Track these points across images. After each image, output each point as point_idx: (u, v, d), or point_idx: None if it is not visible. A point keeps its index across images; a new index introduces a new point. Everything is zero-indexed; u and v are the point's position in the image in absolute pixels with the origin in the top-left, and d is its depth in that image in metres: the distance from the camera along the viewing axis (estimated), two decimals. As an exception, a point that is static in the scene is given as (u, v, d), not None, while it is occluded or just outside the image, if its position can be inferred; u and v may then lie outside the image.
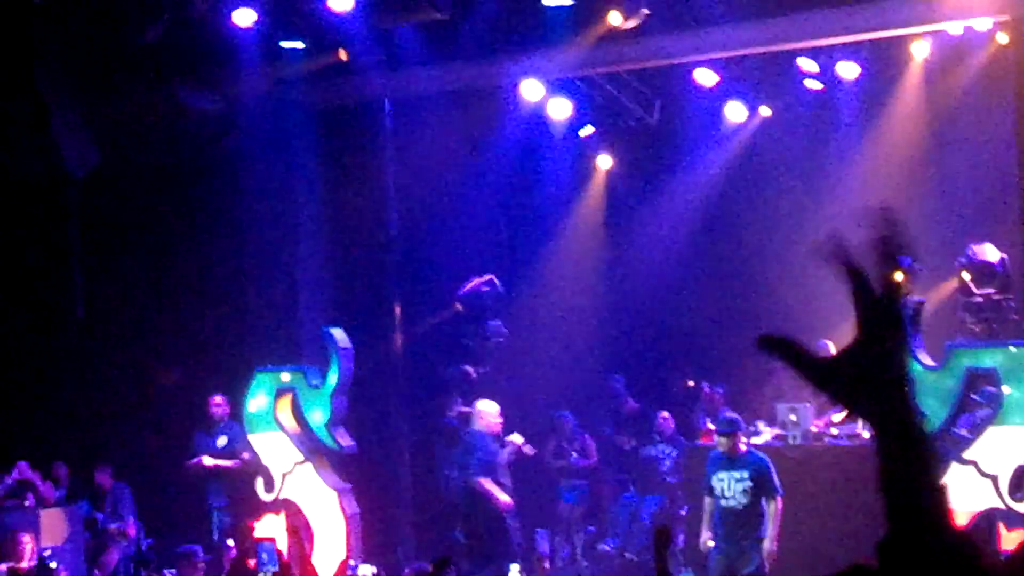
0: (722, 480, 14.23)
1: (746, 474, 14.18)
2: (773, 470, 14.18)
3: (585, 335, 20.78)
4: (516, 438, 16.02)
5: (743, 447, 14.41)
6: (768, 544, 14.03)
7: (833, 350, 2.58)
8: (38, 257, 18.99)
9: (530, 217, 20.76)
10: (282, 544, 13.50)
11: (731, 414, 15.15)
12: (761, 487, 14.11)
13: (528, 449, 16.37)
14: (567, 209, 21.29)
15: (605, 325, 20.95)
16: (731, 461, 14.27)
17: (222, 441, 17.26)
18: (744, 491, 14.16)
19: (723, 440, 14.37)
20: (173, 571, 15.12)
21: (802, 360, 2.56)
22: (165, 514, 17.49)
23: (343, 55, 17.48)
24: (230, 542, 16.18)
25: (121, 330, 18.83)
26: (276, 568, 12.02)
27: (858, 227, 2.52)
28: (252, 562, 13.30)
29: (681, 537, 16.54)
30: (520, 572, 13.88)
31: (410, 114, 18.62)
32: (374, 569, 15.08)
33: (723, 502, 14.24)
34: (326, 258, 18.60)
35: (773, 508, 14.08)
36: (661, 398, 19.94)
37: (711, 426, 17.08)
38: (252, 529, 16.11)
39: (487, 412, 16.03)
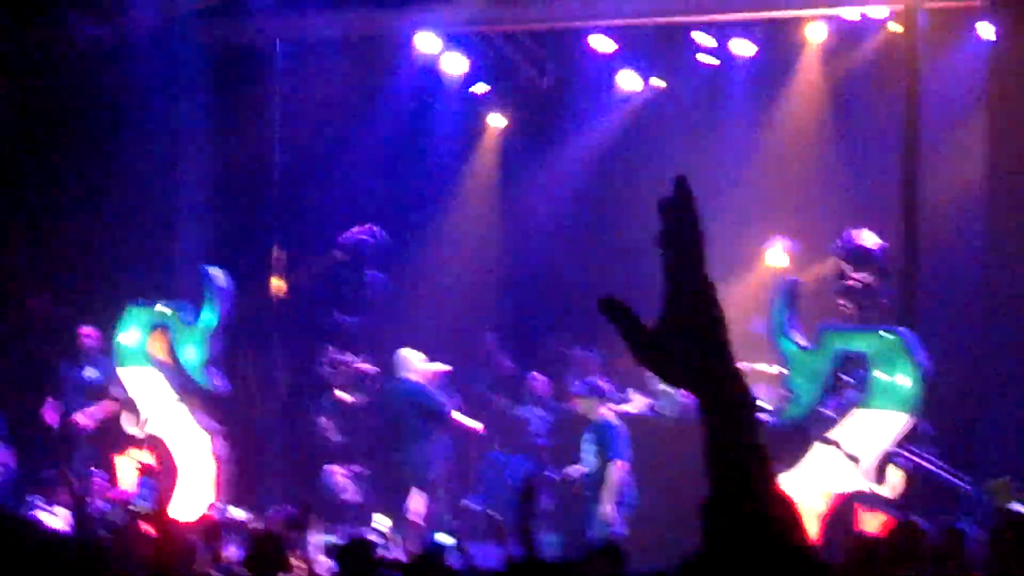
0: (583, 443, 14.63)
1: (595, 437, 14.68)
2: (617, 435, 14.52)
3: (467, 292, 20.76)
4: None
5: (603, 413, 14.70)
6: (603, 507, 14.27)
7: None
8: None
9: (419, 170, 20.68)
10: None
11: (593, 380, 15.42)
12: (603, 451, 14.62)
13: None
14: (457, 164, 21.24)
15: (488, 284, 20.98)
16: (590, 426, 14.82)
17: (90, 372, 17.05)
18: (594, 454, 14.64)
19: (581, 402, 14.80)
20: (39, 496, 14.93)
21: (631, 330, 2.61)
22: (32, 443, 17.29)
23: (237, -8, 17.33)
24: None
25: (-7, 256, 18.54)
26: (151, 503, 11.88)
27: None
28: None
29: (548, 500, 16.62)
30: (389, 527, 13.86)
31: (302, 58, 18.45)
32: (246, 514, 14.99)
33: (581, 464, 14.73)
34: (208, 197, 18.40)
35: (609, 471, 14.53)
36: (537, 360, 20.00)
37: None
38: (114, 463, 15.98)
39: (411, 361, 15.99)
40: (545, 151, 21.03)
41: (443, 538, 11.35)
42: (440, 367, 16.55)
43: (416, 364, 16.13)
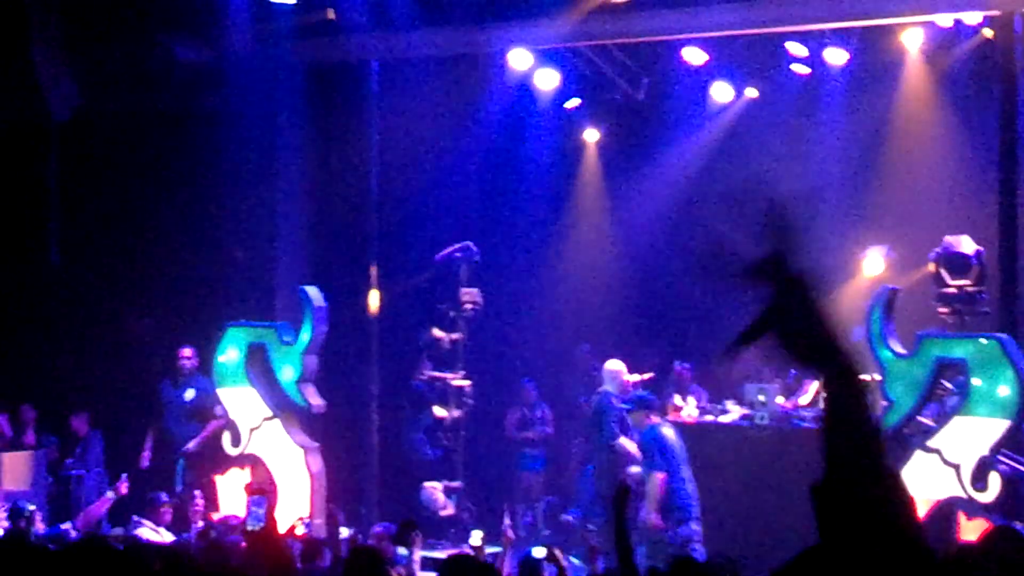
0: None
1: (641, 447, 15.19)
2: (656, 447, 14.77)
3: (568, 307, 20.77)
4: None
5: (652, 421, 15.02)
6: (643, 514, 14.70)
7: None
8: (14, 200, 18.96)
9: (514, 186, 20.73)
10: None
11: (644, 392, 15.90)
12: (646, 462, 14.95)
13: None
14: (550, 179, 21.24)
15: (584, 298, 20.95)
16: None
17: (189, 394, 17.26)
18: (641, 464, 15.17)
19: (631, 415, 14.78)
20: (139, 517, 15.12)
21: (754, 332, 2.66)
22: (132, 464, 17.52)
23: (331, 14, 17.47)
24: (196, 493, 16.20)
25: (95, 278, 18.82)
26: (263, 523, 12.02)
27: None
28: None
29: (641, 512, 16.61)
30: (482, 539, 13.88)
31: (397, 77, 18.56)
32: (348, 530, 15.09)
33: None
34: (305, 216, 18.57)
35: (650, 481, 14.76)
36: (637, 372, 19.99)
37: (679, 403, 17.17)
38: (215, 483, 16.16)
39: (618, 371, 16.13)
40: (639, 165, 21.00)
41: (538, 552, 11.34)
42: (639, 376, 16.71)
43: (619, 376, 16.15)
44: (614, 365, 16.34)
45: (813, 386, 16.38)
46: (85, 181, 18.84)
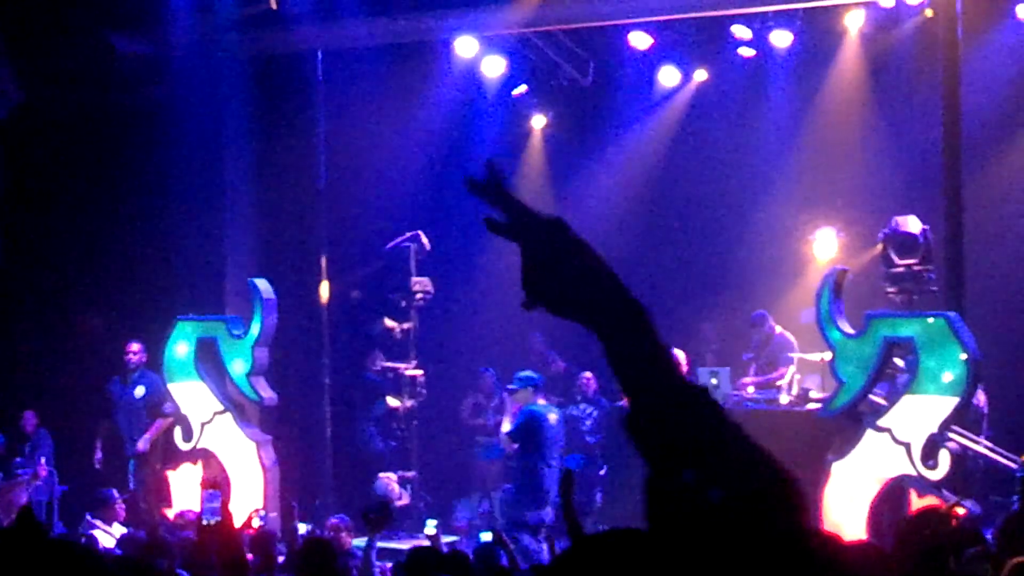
0: None
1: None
2: (529, 427, 14.91)
3: (515, 296, 20.73)
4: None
5: (537, 402, 15.24)
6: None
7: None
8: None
9: (461, 174, 20.52)
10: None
11: (531, 372, 15.95)
12: (515, 438, 15.17)
13: None
14: (500, 166, 21.22)
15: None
16: None
17: (139, 391, 17.16)
18: None
19: (516, 394, 15.36)
20: (92, 516, 15.04)
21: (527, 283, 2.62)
22: (83, 461, 17.43)
23: (274, 4, 17.39)
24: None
25: (42, 275, 18.69)
26: (218, 517, 11.95)
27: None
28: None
29: (599, 495, 16.66)
30: (436, 527, 13.86)
31: (342, 66, 18.49)
32: (304, 525, 15.03)
33: None
34: (253, 209, 18.49)
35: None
36: (588, 358, 20.02)
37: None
38: (167, 478, 16.09)
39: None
40: (588, 149, 21.02)
41: (486, 536, 11.35)
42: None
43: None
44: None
45: (791, 369, 16.39)
46: (29, 179, 18.70)
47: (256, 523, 13.28)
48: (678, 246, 20.57)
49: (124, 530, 14.58)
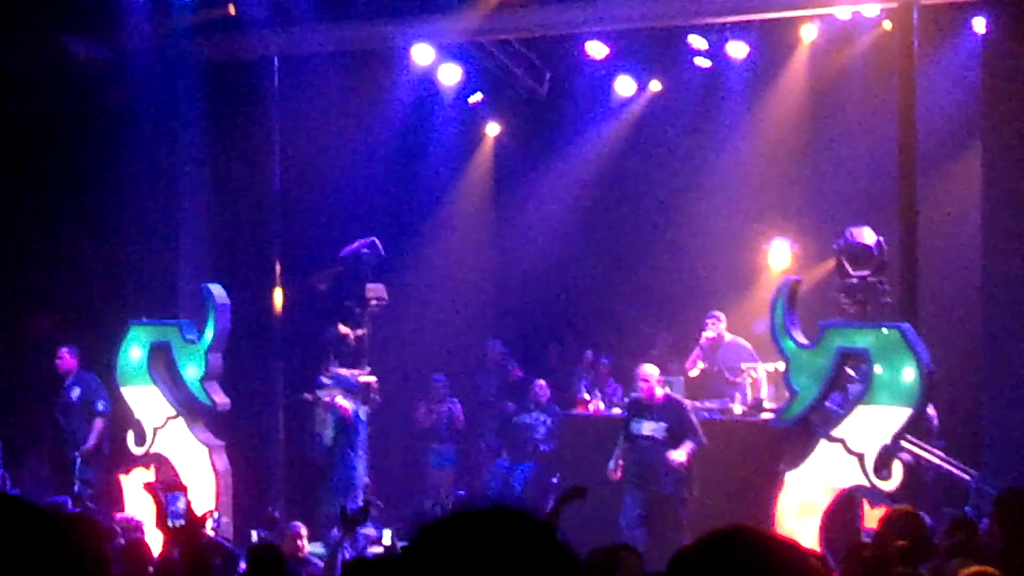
0: None
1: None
2: (350, 425, 15.91)
3: (469, 302, 20.79)
4: None
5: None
6: None
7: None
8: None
9: (417, 181, 20.69)
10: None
11: (346, 374, 16.54)
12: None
13: None
14: (455, 175, 21.27)
15: (490, 292, 21.01)
16: None
17: (75, 393, 17.11)
18: None
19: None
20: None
21: None
22: (33, 466, 17.33)
23: (232, 9, 17.35)
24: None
25: (-5, 278, 18.58)
26: (183, 521, 11.86)
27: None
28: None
29: (552, 503, 16.63)
30: (393, 536, 13.86)
31: (299, 73, 18.45)
32: (256, 533, 14.98)
33: None
34: (208, 214, 18.41)
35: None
36: (540, 366, 20.07)
37: (586, 396, 17.21)
38: (120, 483, 16.00)
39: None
40: (544, 158, 21.07)
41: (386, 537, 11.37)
42: None
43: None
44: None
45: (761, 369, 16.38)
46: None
47: (209, 525, 13.24)
48: (631, 256, 20.64)
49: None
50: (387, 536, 13.57)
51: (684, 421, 15.08)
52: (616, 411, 16.88)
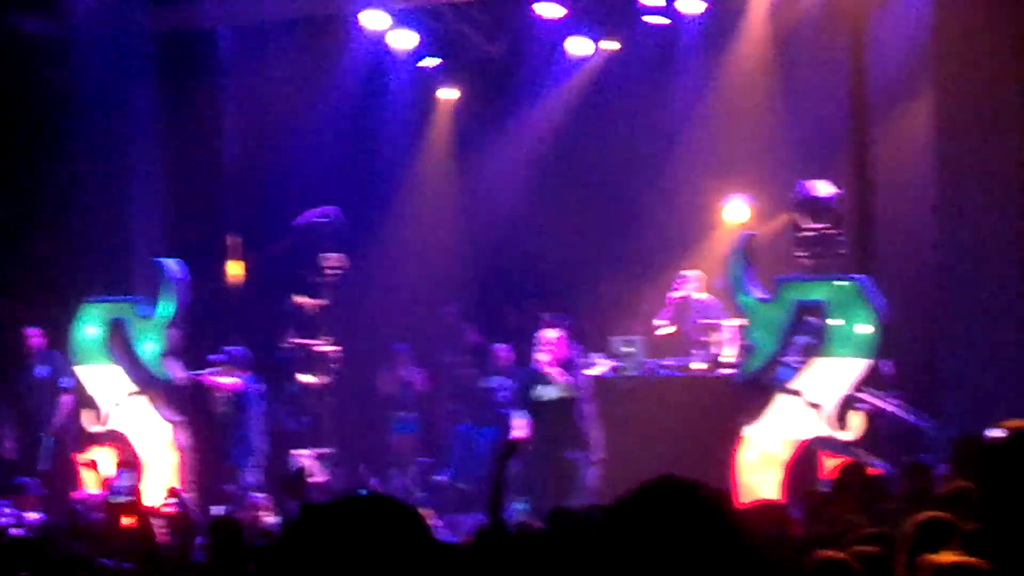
0: None
1: None
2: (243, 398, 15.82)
3: (432, 268, 20.71)
4: None
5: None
6: None
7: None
8: None
9: (374, 149, 20.59)
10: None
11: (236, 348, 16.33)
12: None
13: None
14: (412, 141, 21.16)
15: (452, 258, 20.90)
16: None
17: (43, 371, 17.05)
18: None
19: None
20: (7, 502, 14.88)
21: None
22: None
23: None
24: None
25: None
26: (130, 496, 11.87)
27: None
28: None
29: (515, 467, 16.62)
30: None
31: (249, 42, 18.34)
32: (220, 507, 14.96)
33: None
34: (161, 187, 18.29)
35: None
36: (501, 330, 20.02)
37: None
38: (76, 461, 15.93)
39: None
40: (499, 121, 20.95)
41: None
42: None
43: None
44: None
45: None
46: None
47: (170, 502, 13.21)
48: (588, 215, 20.56)
49: (37, 516, 14.44)
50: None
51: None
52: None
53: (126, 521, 11.47)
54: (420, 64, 20.21)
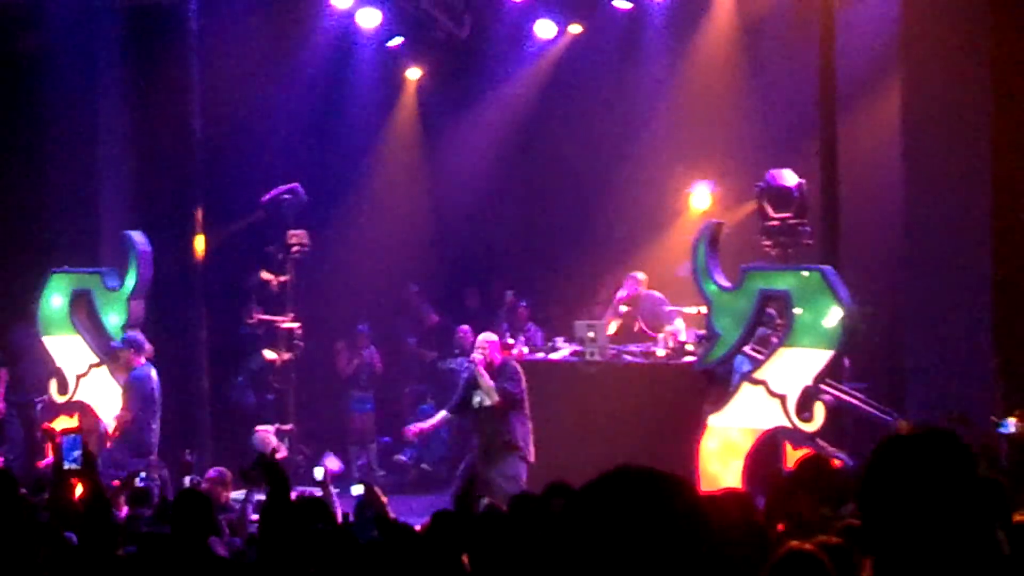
0: None
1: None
2: (138, 388, 15.13)
3: (395, 247, 20.70)
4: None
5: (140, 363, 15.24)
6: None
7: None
8: None
9: (340, 126, 20.55)
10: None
11: (134, 333, 15.64)
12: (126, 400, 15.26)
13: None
14: (378, 120, 21.13)
15: (412, 238, 20.90)
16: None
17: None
18: None
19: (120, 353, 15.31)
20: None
21: None
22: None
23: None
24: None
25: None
26: (79, 464, 11.82)
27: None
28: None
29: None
30: (324, 475, 13.74)
31: (218, 15, 18.26)
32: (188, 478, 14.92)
33: None
34: (128, 160, 18.25)
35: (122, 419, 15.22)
36: (462, 312, 20.05)
37: (511, 340, 17.16)
38: (46, 430, 15.88)
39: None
40: (465, 102, 20.96)
41: (356, 489, 11.32)
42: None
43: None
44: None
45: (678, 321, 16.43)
46: None
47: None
48: (553, 198, 20.62)
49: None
50: (319, 473, 13.49)
51: (509, 386, 14.17)
52: (540, 355, 16.83)
53: (78, 491, 11.44)
54: (387, 44, 20.17)
